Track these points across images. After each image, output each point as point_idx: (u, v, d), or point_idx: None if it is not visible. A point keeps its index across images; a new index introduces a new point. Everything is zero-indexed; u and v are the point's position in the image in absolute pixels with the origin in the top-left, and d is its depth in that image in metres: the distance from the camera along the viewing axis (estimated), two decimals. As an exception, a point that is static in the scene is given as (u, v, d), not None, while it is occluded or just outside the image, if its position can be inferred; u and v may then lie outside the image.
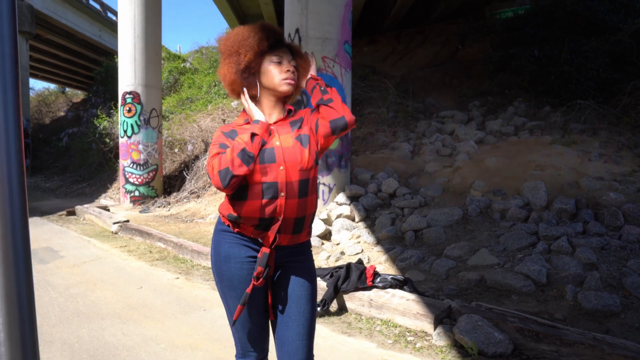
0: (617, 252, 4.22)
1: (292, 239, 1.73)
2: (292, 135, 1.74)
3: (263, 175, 1.66)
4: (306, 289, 1.77)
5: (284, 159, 1.68)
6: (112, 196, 11.26)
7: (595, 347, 2.73)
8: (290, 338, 1.73)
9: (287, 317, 1.75)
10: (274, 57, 1.74)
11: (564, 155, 6.15)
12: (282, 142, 1.71)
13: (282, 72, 1.75)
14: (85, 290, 4.42)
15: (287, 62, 1.76)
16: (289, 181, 1.68)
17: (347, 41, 6.17)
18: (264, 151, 1.67)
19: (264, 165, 1.66)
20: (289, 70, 1.75)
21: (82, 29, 20.69)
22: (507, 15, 11.76)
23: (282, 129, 1.76)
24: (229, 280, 1.76)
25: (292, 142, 1.72)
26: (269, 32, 1.75)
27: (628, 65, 8.00)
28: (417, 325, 3.38)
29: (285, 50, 1.78)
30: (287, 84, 1.75)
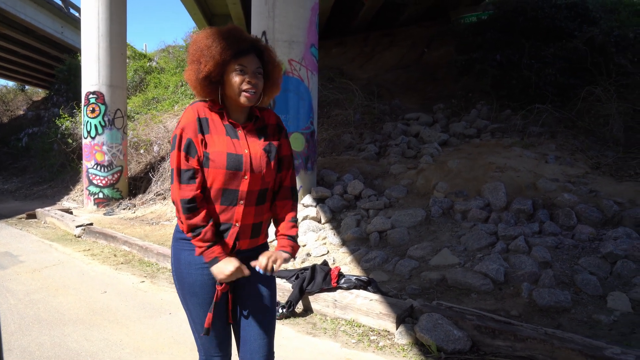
0: (570, 251, 4.43)
1: (250, 242, 1.77)
2: (260, 145, 1.74)
3: (226, 181, 1.67)
4: (265, 289, 1.82)
5: (250, 168, 1.70)
6: (75, 198, 10.99)
7: (546, 341, 2.88)
8: (252, 337, 1.78)
9: (249, 317, 1.79)
10: (237, 66, 1.68)
11: (522, 158, 6.39)
12: (250, 150, 1.72)
13: (242, 84, 1.69)
14: (47, 295, 4.34)
15: (251, 72, 1.69)
16: (250, 190, 1.71)
17: (313, 44, 6.23)
18: (230, 155, 1.67)
19: (230, 171, 1.67)
20: (250, 82, 1.69)
21: (43, 25, 20.03)
22: (471, 20, 12.07)
23: (250, 135, 1.76)
24: (190, 286, 1.77)
25: (260, 153, 1.73)
26: (234, 40, 1.68)
27: (583, 71, 8.36)
28: (380, 325, 3.47)
29: (252, 57, 1.70)
30: (246, 97, 1.69)
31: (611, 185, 5.58)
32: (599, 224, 4.89)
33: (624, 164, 6.26)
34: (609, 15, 10.56)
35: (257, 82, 1.71)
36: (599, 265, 4.10)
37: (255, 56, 1.72)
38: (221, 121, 1.74)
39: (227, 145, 1.69)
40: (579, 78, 8.43)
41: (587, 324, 3.40)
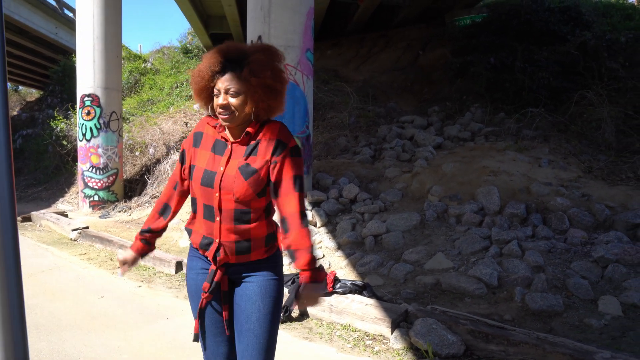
0: (562, 255, 4.50)
1: (238, 258, 1.75)
2: (238, 163, 1.71)
3: (203, 196, 1.74)
4: (257, 307, 1.74)
5: (220, 186, 1.70)
6: (70, 201, 10.96)
7: (538, 346, 2.94)
8: (241, 353, 1.77)
9: (239, 332, 1.78)
10: (215, 88, 1.70)
11: (516, 161, 6.46)
12: (227, 167, 1.71)
13: (215, 105, 1.71)
14: (44, 300, 4.35)
15: (223, 94, 1.68)
16: (223, 208, 1.71)
17: (309, 49, 6.27)
18: (206, 172, 1.73)
19: (203, 187, 1.72)
20: (219, 105, 1.69)
21: (37, 26, 19.96)
22: (465, 22, 12.16)
23: (237, 151, 1.74)
24: (188, 288, 1.88)
25: (234, 172, 1.69)
26: (211, 62, 1.69)
27: (575, 75, 8.46)
28: (375, 329, 3.52)
29: (226, 77, 1.67)
30: (222, 118, 1.71)
31: (603, 189, 5.66)
32: (591, 227, 4.96)
33: (616, 168, 6.34)
34: (601, 19, 10.69)
35: (226, 104, 1.67)
36: (591, 269, 4.17)
37: (232, 74, 1.67)
38: (214, 135, 1.79)
39: (208, 161, 1.74)
40: (572, 82, 8.53)
41: (579, 327, 3.46)
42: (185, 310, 4.10)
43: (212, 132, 1.79)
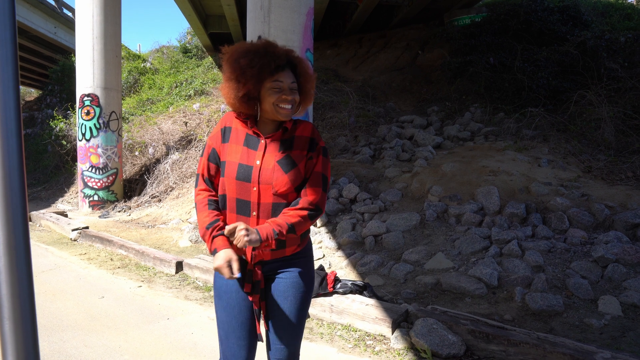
0: (562, 255, 4.51)
1: (274, 254, 1.78)
2: (275, 157, 1.74)
3: (238, 191, 1.73)
4: (289, 302, 1.82)
5: (259, 180, 1.72)
6: (69, 200, 10.96)
7: (539, 346, 2.95)
8: (274, 346, 1.85)
9: (273, 328, 1.85)
10: (273, 83, 1.71)
11: (515, 161, 6.47)
12: (263, 161, 1.73)
13: (279, 100, 1.72)
14: (44, 301, 4.35)
15: (287, 88, 1.73)
16: (261, 202, 1.73)
17: (309, 49, 6.27)
18: (241, 167, 1.73)
19: (239, 181, 1.72)
20: (286, 97, 1.72)
21: (36, 26, 19.95)
22: (464, 22, 12.16)
23: (272, 145, 1.77)
24: (217, 289, 1.87)
25: (272, 165, 1.72)
26: (271, 57, 1.70)
27: (575, 75, 8.46)
28: (376, 330, 3.52)
29: (287, 72, 1.74)
30: (283, 112, 1.73)
31: (603, 189, 5.67)
32: (591, 227, 4.97)
33: (615, 168, 6.35)
34: (601, 19, 10.71)
35: (292, 98, 1.74)
36: (591, 269, 4.18)
37: (289, 70, 1.75)
38: (245, 130, 1.79)
39: (241, 155, 1.75)
40: (571, 82, 8.54)
41: (579, 327, 3.47)
42: (185, 310, 4.10)
43: (242, 126, 1.80)
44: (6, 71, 0.95)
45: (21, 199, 0.95)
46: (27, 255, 0.96)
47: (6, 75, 0.94)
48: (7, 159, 0.94)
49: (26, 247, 0.96)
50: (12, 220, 0.93)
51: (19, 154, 0.96)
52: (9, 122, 0.95)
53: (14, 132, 0.96)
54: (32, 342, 0.98)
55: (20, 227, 0.95)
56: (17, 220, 0.94)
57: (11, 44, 0.95)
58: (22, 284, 0.96)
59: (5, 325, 0.93)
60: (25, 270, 0.96)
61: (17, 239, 0.95)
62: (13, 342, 0.94)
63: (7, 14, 0.95)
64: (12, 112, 0.95)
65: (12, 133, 0.95)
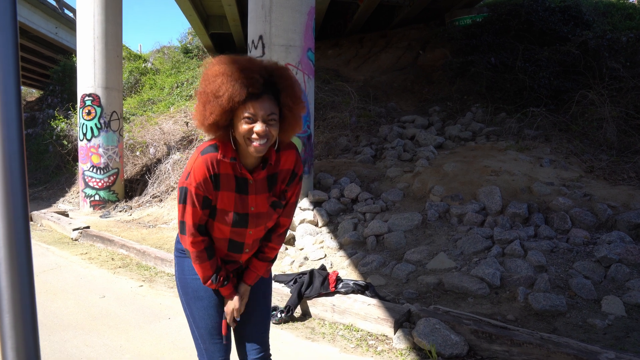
0: (564, 255, 4.49)
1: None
2: (268, 199, 1.72)
3: (232, 234, 1.75)
4: (262, 295, 1.95)
5: (256, 225, 1.75)
6: (70, 200, 10.96)
7: (542, 346, 2.93)
8: (248, 335, 1.92)
9: (247, 317, 1.90)
10: (245, 113, 1.51)
11: (517, 161, 6.45)
12: (257, 206, 1.71)
13: (250, 133, 1.53)
14: (45, 300, 4.34)
15: (261, 121, 1.51)
16: (255, 238, 1.81)
17: (310, 48, 6.26)
18: (237, 215, 1.69)
19: (234, 228, 1.73)
20: (257, 132, 1.52)
21: (37, 26, 19.96)
22: (465, 22, 12.16)
23: (260, 185, 1.69)
24: (195, 291, 1.84)
25: (267, 209, 1.73)
26: (245, 81, 1.48)
27: (577, 75, 8.45)
28: (378, 330, 3.50)
29: (264, 101, 1.51)
30: (254, 147, 1.55)
31: (605, 189, 5.65)
32: (593, 227, 4.95)
33: (618, 168, 6.33)
34: (602, 19, 10.69)
35: (266, 132, 1.53)
36: (594, 269, 4.16)
37: (269, 98, 1.52)
38: (233, 173, 1.65)
39: (235, 203, 1.68)
40: (573, 81, 8.52)
41: (582, 328, 3.45)
42: (185, 315, 4.08)
43: (229, 170, 1.64)
44: (7, 71, 0.94)
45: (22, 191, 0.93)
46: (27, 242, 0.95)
47: (7, 76, 0.94)
48: (8, 159, 0.93)
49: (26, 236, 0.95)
50: (13, 208, 0.92)
51: (20, 154, 0.95)
52: (10, 123, 0.95)
53: (15, 132, 0.95)
54: (32, 336, 0.97)
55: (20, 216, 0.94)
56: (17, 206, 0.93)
57: (13, 46, 0.95)
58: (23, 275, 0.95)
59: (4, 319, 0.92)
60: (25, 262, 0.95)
61: (17, 229, 0.94)
62: (13, 336, 0.93)
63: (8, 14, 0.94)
64: (14, 113, 0.95)
65: (14, 133, 0.95)
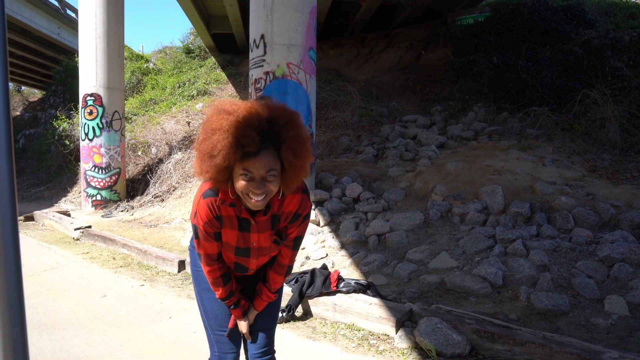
0: (567, 254, 4.46)
1: None
2: (270, 236, 1.77)
3: (236, 259, 1.83)
4: None
5: (258, 255, 1.82)
6: (72, 200, 10.97)
7: (545, 345, 2.91)
8: (255, 331, 1.96)
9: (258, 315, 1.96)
10: (243, 170, 1.47)
11: (520, 160, 6.43)
12: (259, 241, 1.77)
13: (247, 190, 1.51)
14: (47, 299, 4.34)
15: (258, 179, 1.48)
16: (259, 264, 1.89)
17: (312, 48, 6.25)
18: (239, 249, 1.79)
19: (237, 257, 1.81)
20: (254, 191, 1.50)
21: (40, 26, 19.99)
22: (468, 22, 12.13)
23: (263, 224, 1.73)
24: (205, 282, 1.90)
25: (269, 245, 1.79)
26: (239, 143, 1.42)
27: (579, 74, 8.42)
28: (379, 329, 3.49)
29: (262, 158, 1.45)
30: (252, 203, 1.55)
31: (608, 188, 5.63)
32: (596, 227, 4.93)
33: (621, 167, 6.30)
34: (605, 18, 10.66)
35: (265, 190, 1.51)
36: (597, 268, 4.13)
37: (268, 154, 1.46)
38: (235, 214, 1.67)
39: (237, 239, 1.75)
40: (575, 81, 8.49)
41: (585, 327, 3.43)
42: (188, 309, 4.08)
43: (231, 212, 1.66)
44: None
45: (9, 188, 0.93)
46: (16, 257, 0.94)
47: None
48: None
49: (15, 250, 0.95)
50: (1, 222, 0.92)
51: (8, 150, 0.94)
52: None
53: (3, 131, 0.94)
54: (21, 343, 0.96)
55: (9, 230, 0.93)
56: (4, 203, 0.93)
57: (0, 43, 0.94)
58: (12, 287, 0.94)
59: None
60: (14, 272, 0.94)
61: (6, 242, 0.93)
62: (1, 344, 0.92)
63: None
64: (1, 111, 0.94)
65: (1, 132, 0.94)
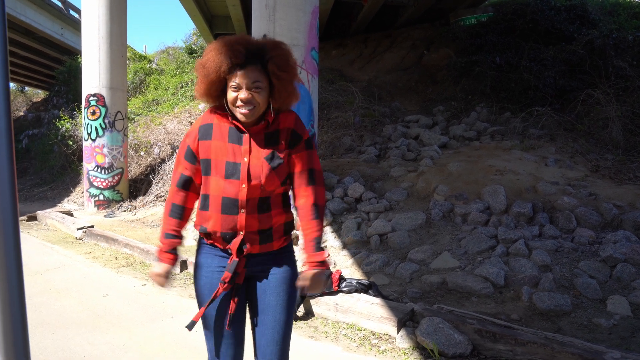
0: (569, 254, 4.45)
1: (262, 248, 1.77)
2: (264, 153, 1.71)
3: (225, 189, 1.70)
4: (282, 299, 1.80)
5: (248, 177, 1.69)
6: (75, 200, 11.00)
7: (547, 345, 2.90)
8: (265, 343, 1.79)
9: (264, 325, 1.79)
10: (232, 82, 1.64)
11: (522, 160, 6.42)
12: (251, 158, 1.70)
13: (234, 100, 1.66)
14: (49, 299, 4.35)
15: (245, 89, 1.64)
16: (250, 198, 1.70)
17: (314, 48, 6.25)
18: (229, 164, 1.69)
19: (228, 180, 1.69)
20: (242, 99, 1.64)
21: (43, 27, 20.07)
22: (470, 22, 12.11)
23: (257, 138, 1.72)
24: (201, 287, 1.82)
25: (261, 162, 1.70)
26: (228, 54, 1.62)
27: (582, 74, 8.39)
28: (381, 329, 3.49)
29: (248, 71, 1.63)
30: (241, 114, 1.67)
31: (611, 189, 5.61)
32: (599, 227, 4.92)
33: (624, 167, 6.28)
34: (608, 18, 10.63)
35: (251, 98, 1.64)
36: (599, 268, 4.13)
37: (254, 68, 1.64)
38: (227, 124, 1.73)
39: (227, 152, 1.70)
40: (578, 81, 8.47)
41: (587, 327, 3.42)
42: (190, 309, 4.08)
43: (223, 121, 1.74)
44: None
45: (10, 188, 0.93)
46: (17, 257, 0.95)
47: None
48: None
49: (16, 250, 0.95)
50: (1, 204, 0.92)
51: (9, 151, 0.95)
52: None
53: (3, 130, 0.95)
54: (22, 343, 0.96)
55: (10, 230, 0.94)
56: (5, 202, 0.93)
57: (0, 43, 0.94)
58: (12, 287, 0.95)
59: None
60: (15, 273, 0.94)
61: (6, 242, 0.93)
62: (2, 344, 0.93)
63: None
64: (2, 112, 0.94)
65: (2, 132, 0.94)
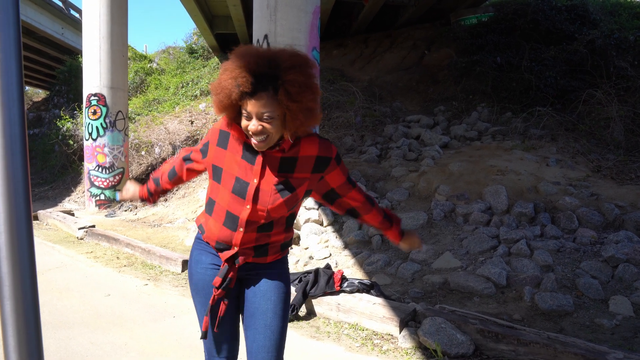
0: (571, 254, 4.45)
1: (255, 259, 1.73)
2: (275, 180, 1.61)
3: (230, 203, 1.64)
4: (272, 303, 1.73)
5: (254, 200, 1.62)
6: (76, 200, 11.00)
7: (549, 346, 2.90)
8: (256, 349, 1.72)
9: (254, 329, 1.73)
10: (243, 110, 1.52)
11: (524, 161, 6.41)
12: (261, 181, 1.61)
13: (246, 129, 1.54)
14: (51, 298, 4.35)
15: (256, 119, 1.50)
16: (250, 220, 1.64)
17: (315, 48, 6.25)
18: (238, 180, 1.62)
19: (234, 195, 1.63)
20: (252, 131, 1.52)
21: (44, 26, 20.06)
22: (471, 22, 12.10)
23: (271, 162, 1.62)
24: (194, 284, 1.81)
25: (271, 189, 1.61)
26: (235, 83, 1.47)
27: (584, 74, 8.39)
28: (383, 329, 3.49)
29: (258, 100, 1.47)
30: (254, 143, 1.56)
31: (612, 189, 5.61)
32: (601, 227, 4.92)
33: (625, 167, 6.28)
34: (609, 18, 10.62)
35: (261, 129, 1.51)
36: (601, 268, 4.13)
37: (264, 95, 1.47)
38: (242, 139, 1.63)
39: (239, 168, 1.63)
40: (580, 81, 8.47)
41: (590, 327, 3.42)
42: (191, 309, 4.07)
43: (239, 135, 1.63)
44: (10, 70, 0.94)
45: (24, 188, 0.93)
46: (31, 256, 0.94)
47: (10, 74, 0.94)
48: (11, 156, 0.93)
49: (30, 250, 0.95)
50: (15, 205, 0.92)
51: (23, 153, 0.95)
52: (13, 123, 0.94)
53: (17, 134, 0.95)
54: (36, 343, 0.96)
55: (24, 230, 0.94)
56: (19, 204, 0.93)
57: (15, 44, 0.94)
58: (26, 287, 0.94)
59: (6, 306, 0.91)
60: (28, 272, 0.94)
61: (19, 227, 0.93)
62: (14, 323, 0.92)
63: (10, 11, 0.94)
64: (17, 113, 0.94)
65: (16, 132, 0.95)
